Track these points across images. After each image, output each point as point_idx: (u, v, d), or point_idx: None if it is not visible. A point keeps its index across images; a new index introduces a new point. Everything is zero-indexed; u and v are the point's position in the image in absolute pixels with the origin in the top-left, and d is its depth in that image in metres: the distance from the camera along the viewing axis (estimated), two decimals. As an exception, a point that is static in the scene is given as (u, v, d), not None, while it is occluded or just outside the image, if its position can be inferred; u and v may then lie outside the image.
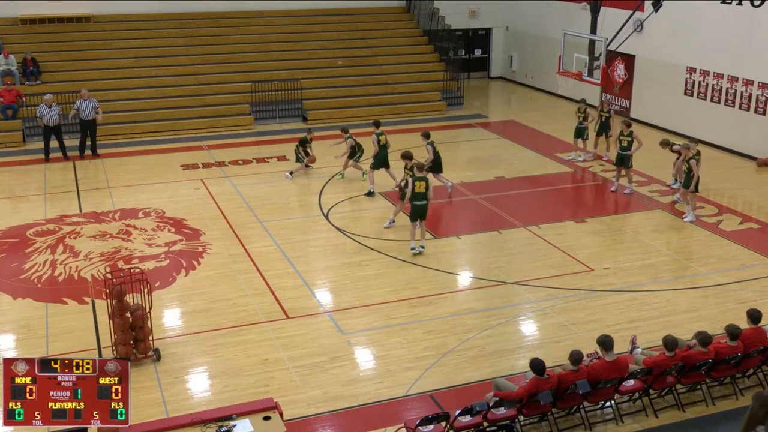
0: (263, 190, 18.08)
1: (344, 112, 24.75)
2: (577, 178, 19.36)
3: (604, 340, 9.28)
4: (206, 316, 12.22)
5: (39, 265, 14.02)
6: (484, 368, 10.69)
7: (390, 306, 12.50)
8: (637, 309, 12.37)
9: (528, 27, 29.86)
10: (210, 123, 23.50)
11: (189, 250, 14.65)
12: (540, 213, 16.63)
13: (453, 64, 27.42)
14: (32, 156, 20.76)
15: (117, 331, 10.60)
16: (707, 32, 21.44)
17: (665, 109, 23.05)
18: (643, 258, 14.39)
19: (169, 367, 10.74)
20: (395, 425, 9.22)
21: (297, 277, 13.57)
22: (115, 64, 24.58)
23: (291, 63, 25.99)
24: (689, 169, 15.69)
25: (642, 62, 24.15)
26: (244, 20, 27.38)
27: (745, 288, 13.12)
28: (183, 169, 19.75)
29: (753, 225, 15.98)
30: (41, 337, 11.56)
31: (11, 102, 22.03)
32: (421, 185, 14.11)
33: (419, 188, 14.11)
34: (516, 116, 25.62)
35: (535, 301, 12.73)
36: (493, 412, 8.98)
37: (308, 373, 10.59)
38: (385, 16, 29.55)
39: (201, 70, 25.23)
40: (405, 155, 15.60)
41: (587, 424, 9.43)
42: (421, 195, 14.12)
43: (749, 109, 20.37)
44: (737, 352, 9.75)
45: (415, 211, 14.28)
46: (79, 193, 17.91)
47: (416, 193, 14.11)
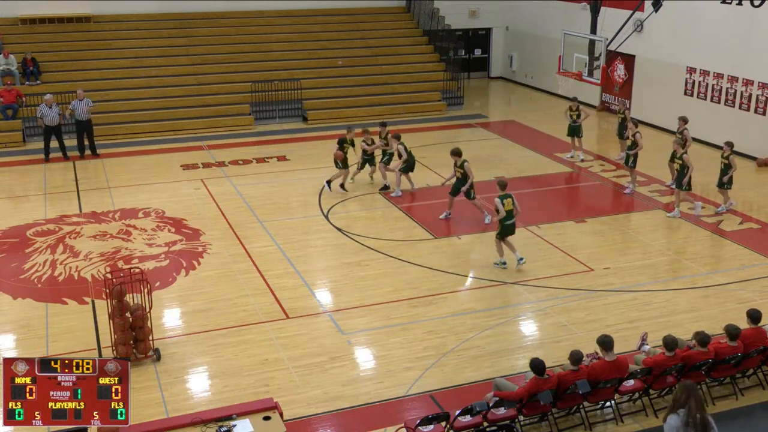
0: (263, 190, 18.09)
1: (344, 112, 24.75)
2: (577, 178, 19.36)
3: (604, 340, 9.28)
4: (206, 316, 12.22)
5: (39, 265, 14.02)
6: (484, 368, 10.69)
7: (390, 306, 12.50)
8: (637, 309, 12.37)
9: (528, 27, 29.86)
10: (210, 123, 23.50)
11: (189, 250, 14.65)
12: (540, 213, 16.63)
13: (453, 64, 27.43)
14: (32, 156, 20.76)
15: (117, 331, 10.60)
16: (707, 32, 21.44)
17: (665, 109, 23.04)
18: (643, 258, 14.39)
19: (169, 367, 10.74)
20: (395, 425, 9.22)
21: (297, 277, 13.57)
22: (115, 64, 24.58)
23: (291, 63, 25.98)
24: (682, 165, 15.77)
25: (642, 62, 24.15)
26: (244, 20, 27.38)
27: (745, 288, 13.12)
28: (183, 169, 19.75)
29: (753, 225, 15.98)
30: (41, 337, 11.56)
31: (11, 102, 22.03)
32: (509, 202, 13.55)
33: (508, 206, 13.53)
34: (516, 116, 25.62)
35: (535, 301, 12.73)
36: (493, 412, 8.98)
37: (308, 373, 10.59)
38: (385, 16, 29.55)
39: (201, 70, 25.23)
40: (455, 152, 15.60)
41: (587, 424, 9.44)
42: (510, 213, 13.58)
43: (749, 109, 20.37)
44: (737, 352, 9.75)
45: (506, 230, 13.76)
46: (79, 193, 17.91)
47: (507, 211, 13.53)
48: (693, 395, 7.28)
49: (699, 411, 7.21)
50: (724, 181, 16.28)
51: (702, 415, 7.21)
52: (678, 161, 15.94)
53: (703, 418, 7.21)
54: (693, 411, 7.19)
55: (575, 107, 20.04)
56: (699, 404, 7.25)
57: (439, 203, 16.93)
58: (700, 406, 7.25)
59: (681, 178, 15.94)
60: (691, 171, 15.82)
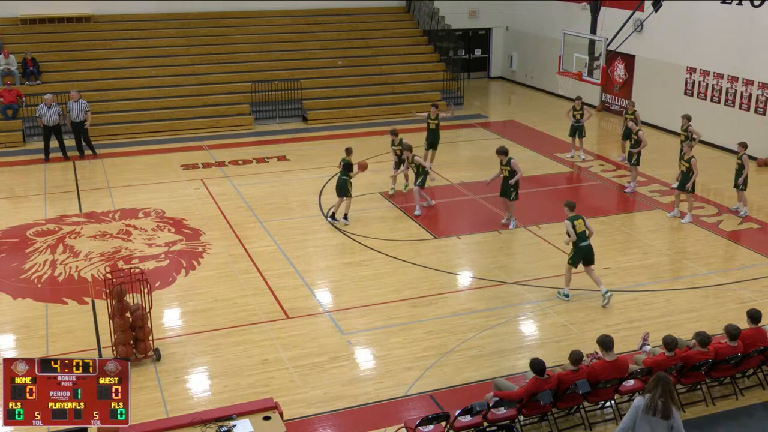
0: (263, 190, 18.09)
1: (344, 112, 24.76)
2: (578, 178, 19.36)
3: (604, 340, 9.28)
4: (206, 316, 12.22)
5: (39, 265, 14.02)
6: (484, 368, 10.69)
7: (390, 306, 12.50)
8: (637, 309, 12.37)
9: (528, 27, 29.87)
10: (210, 123, 23.50)
11: (189, 250, 14.65)
12: (540, 213, 16.62)
13: (453, 64, 27.43)
14: (32, 156, 20.76)
15: (117, 331, 10.60)
16: (707, 32, 21.44)
17: (665, 109, 23.05)
18: (643, 258, 14.39)
19: (169, 367, 10.74)
20: (395, 425, 9.22)
21: (297, 277, 13.57)
22: (115, 64, 24.59)
23: (291, 63, 25.99)
24: (689, 168, 15.70)
25: (642, 62, 24.16)
26: (244, 20, 27.39)
27: (745, 288, 13.12)
28: (183, 169, 19.75)
29: (753, 225, 15.98)
30: (41, 337, 11.56)
31: (11, 102, 22.03)
32: (580, 224, 12.34)
33: (580, 227, 12.31)
34: (516, 116, 25.62)
35: (535, 301, 12.73)
36: (493, 412, 8.98)
37: (308, 373, 10.59)
38: (385, 16, 29.56)
39: (201, 70, 25.24)
40: (501, 151, 15.48)
41: (587, 424, 9.44)
42: (583, 234, 12.32)
43: (749, 109, 20.37)
44: (737, 352, 9.75)
45: (581, 253, 12.41)
46: (79, 193, 17.91)
47: (579, 233, 12.32)
48: (661, 384, 7.58)
49: (662, 397, 7.52)
50: (739, 183, 16.13)
51: (664, 402, 7.52)
52: (685, 164, 15.85)
53: (665, 404, 7.52)
54: (656, 397, 7.54)
55: (579, 106, 20.01)
56: (665, 392, 7.55)
57: (440, 203, 16.93)
58: (666, 394, 7.54)
59: (685, 181, 15.83)
60: (695, 176, 15.72)
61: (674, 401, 7.62)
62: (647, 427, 7.57)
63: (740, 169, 16.08)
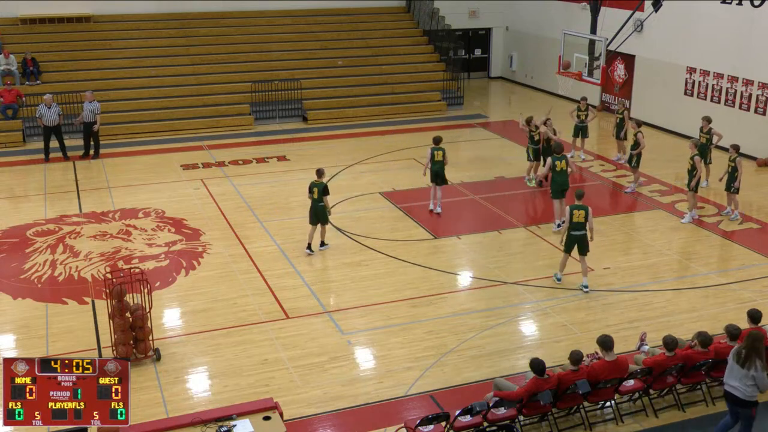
0: (263, 190, 18.08)
1: (344, 112, 24.76)
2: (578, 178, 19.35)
3: (604, 340, 9.28)
4: (206, 316, 12.22)
5: (39, 265, 14.02)
6: (484, 368, 10.69)
7: (390, 306, 12.50)
8: (637, 309, 12.37)
9: (528, 27, 29.86)
10: (210, 123, 23.49)
11: (189, 250, 14.65)
12: (540, 213, 16.62)
13: (453, 64, 27.43)
14: (32, 156, 20.76)
15: (117, 331, 10.60)
16: (707, 32, 21.44)
17: (665, 109, 23.04)
18: (643, 258, 14.39)
19: (169, 367, 10.74)
20: (395, 425, 9.22)
21: (297, 277, 13.57)
22: (115, 64, 24.59)
23: (291, 63, 25.99)
24: (692, 167, 15.68)
25: (642, 62, 24.15)
26: (244, 20, 27.39)
27: (745, 288, 13.12)
28: (183, 169, 19.75)
29: (753, 225, 15.98)
30: (41, 337, 11.56)
31: (11, 102, 22.03)
32: (580, 214, 12.67)
33: (578, 217, 12.67)
34: (516, 116, 25.56)
35: (535, 301, 12.73)
36: (493, 412, 8.98)
37: (308, 373, 10.59)
38: (385, 16, 29.56)
39: (201, 70, 25.23)
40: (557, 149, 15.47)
41: (587, 424, 9.44)
42: (579, 225, 12.69)
43: (749, 109, 20.37)
44: (737, 352, 9.77)
45: (571, 241, 12.84)
46: (79, 193, 17.91)
47: (575, 222, 12.68)
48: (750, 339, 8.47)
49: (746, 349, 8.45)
50: (733, 186, 15.91)
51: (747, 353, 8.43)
52: (690, 162, 15.81)
53: (747, 355, 8.42)
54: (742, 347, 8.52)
55: (584, 107, 19.98)
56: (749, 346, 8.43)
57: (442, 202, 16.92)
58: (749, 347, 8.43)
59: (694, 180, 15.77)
60: (699, 174, 15.70)
61: (759, 356, 8.40)
62: (731, 371, 8.61)
63: (734, 172, 15.90)
